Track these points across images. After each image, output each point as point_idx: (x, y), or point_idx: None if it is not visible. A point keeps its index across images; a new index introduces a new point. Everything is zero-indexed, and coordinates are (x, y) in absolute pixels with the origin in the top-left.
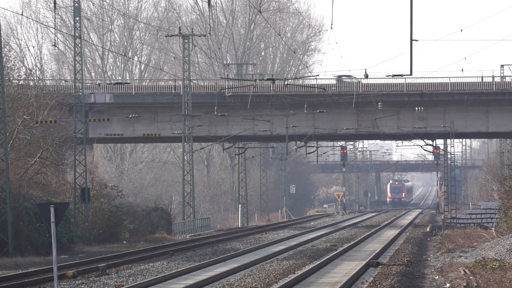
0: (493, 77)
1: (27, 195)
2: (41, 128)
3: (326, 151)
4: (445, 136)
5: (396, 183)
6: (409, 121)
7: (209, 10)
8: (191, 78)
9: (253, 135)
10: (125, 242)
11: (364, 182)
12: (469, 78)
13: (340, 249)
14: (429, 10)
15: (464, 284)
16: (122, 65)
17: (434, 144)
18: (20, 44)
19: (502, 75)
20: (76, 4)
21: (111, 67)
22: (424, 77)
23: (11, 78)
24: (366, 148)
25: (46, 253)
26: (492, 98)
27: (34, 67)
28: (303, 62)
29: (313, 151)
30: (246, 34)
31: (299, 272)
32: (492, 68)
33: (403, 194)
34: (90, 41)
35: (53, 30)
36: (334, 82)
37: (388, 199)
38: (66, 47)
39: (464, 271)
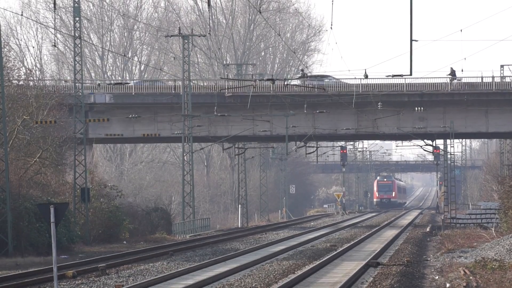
0: (493, 77)
1: (27, 195)
2: (41, 128)
3: (326, 151)
4: (445, 136)
5: (385, 179)
6: (409, 121)
7: (208, 10)
8: (191, 78)
9: (253, 135)
10: (125, 242)
11: (364, 182)
12: (469, 78)
13: (340, 249)
14: (429, 10)
15: (464, 284)
16: (122, 65)
17: (434, 144)
18: (20, 44)
19: (502, 75)
20: (76, 4)
21: (111, 67)
22: (424, 77)
23: (11, 78)
24: (366, 148)
25: (46, 253)
26: (492, 98)
27: (34, 67)
28: (303, 62)
29: (313, 151)
30: (246, 34)
31: (299, 272)
32: (492, 68)
33: (393, 193)
34: (90, 42)
35: (53, 31)
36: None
37: (375, 199)
38: (66, 47)
39: (464, 271)
